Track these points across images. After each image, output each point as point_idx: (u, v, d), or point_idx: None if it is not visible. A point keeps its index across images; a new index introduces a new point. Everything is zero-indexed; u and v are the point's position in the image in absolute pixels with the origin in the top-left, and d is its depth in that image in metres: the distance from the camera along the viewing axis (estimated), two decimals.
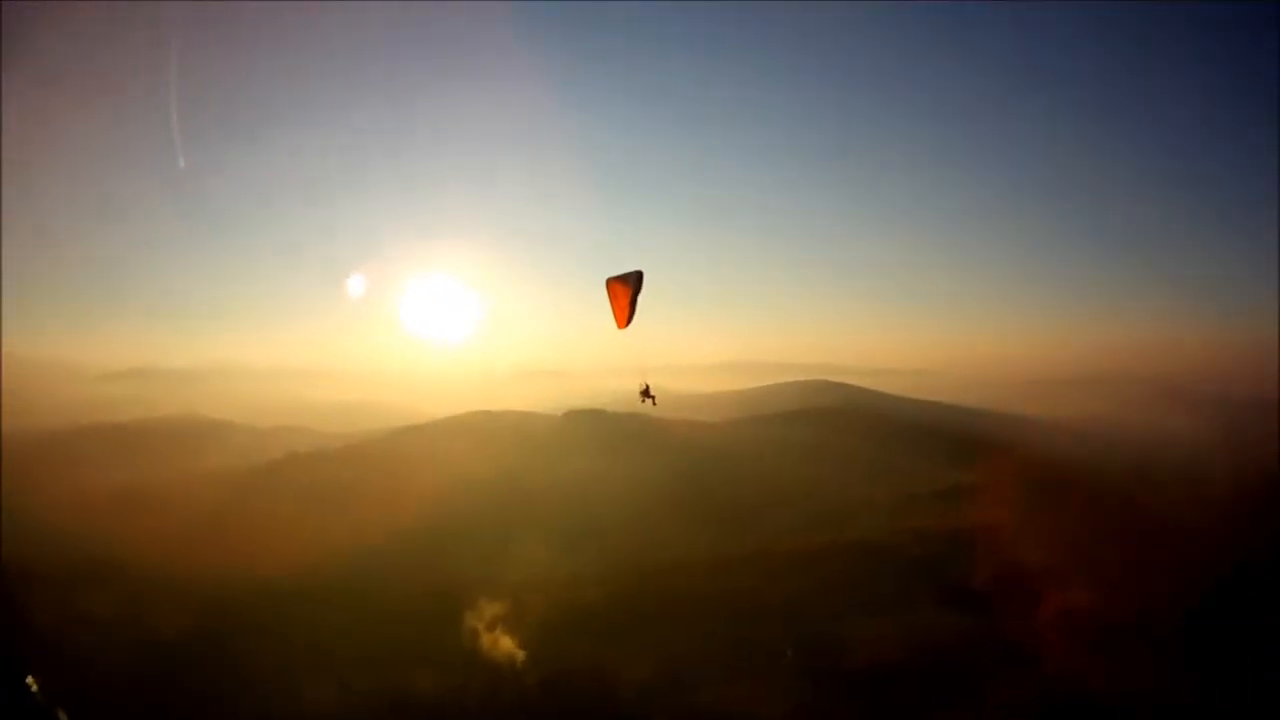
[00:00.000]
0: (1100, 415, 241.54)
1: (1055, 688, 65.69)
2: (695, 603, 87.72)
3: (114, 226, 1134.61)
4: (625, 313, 24.93)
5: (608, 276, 25.41)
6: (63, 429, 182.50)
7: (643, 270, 25.12)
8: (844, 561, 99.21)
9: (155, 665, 72.48)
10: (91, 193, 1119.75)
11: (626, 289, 24.88)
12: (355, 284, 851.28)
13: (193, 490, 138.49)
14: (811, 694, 70.24)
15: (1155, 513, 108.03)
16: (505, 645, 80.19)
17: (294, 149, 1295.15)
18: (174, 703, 68.48)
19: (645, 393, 28.82)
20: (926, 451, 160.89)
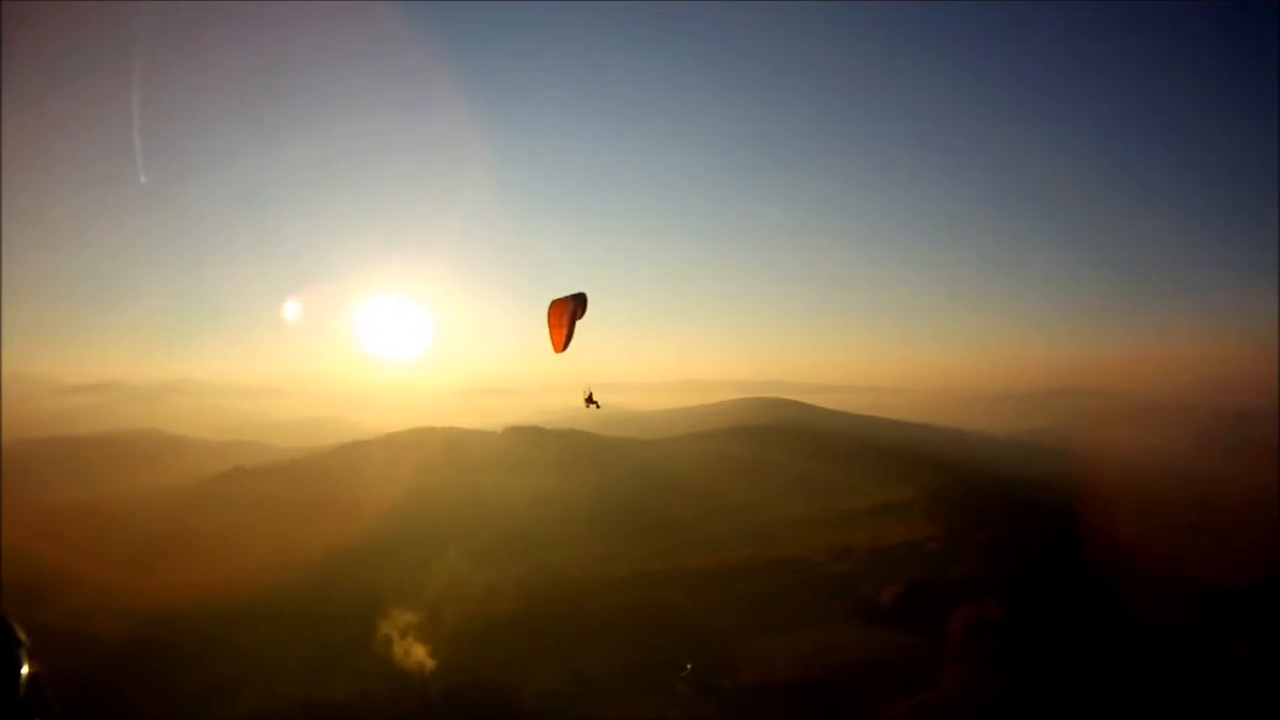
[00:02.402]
0: (1054, 430, 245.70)
1: (948, 705, 68.47)
2: (609, 617, 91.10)
3: (80, 241, 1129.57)
4: (562, 337, 24.67)
5: (552, 299, 25.10)
6: (21, 442, 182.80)
7: (585, 293, 24.84)
8: (762, 578, 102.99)
9: (95, 674, 74.57)
10: (55, 208, 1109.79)
11: (566, 309, 24.49)
12: (312, 302, 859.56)
13: (142, 503, 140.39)
14: (705, 708, 73.81)
15: (1084, 527, 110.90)
16: (418, 654, 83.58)
17: (251, 168, 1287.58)
18: (110, 710, 70.75)
19: (589, 399, 28.02)
20: (864, 468, 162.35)
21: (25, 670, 5.01)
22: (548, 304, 24.89)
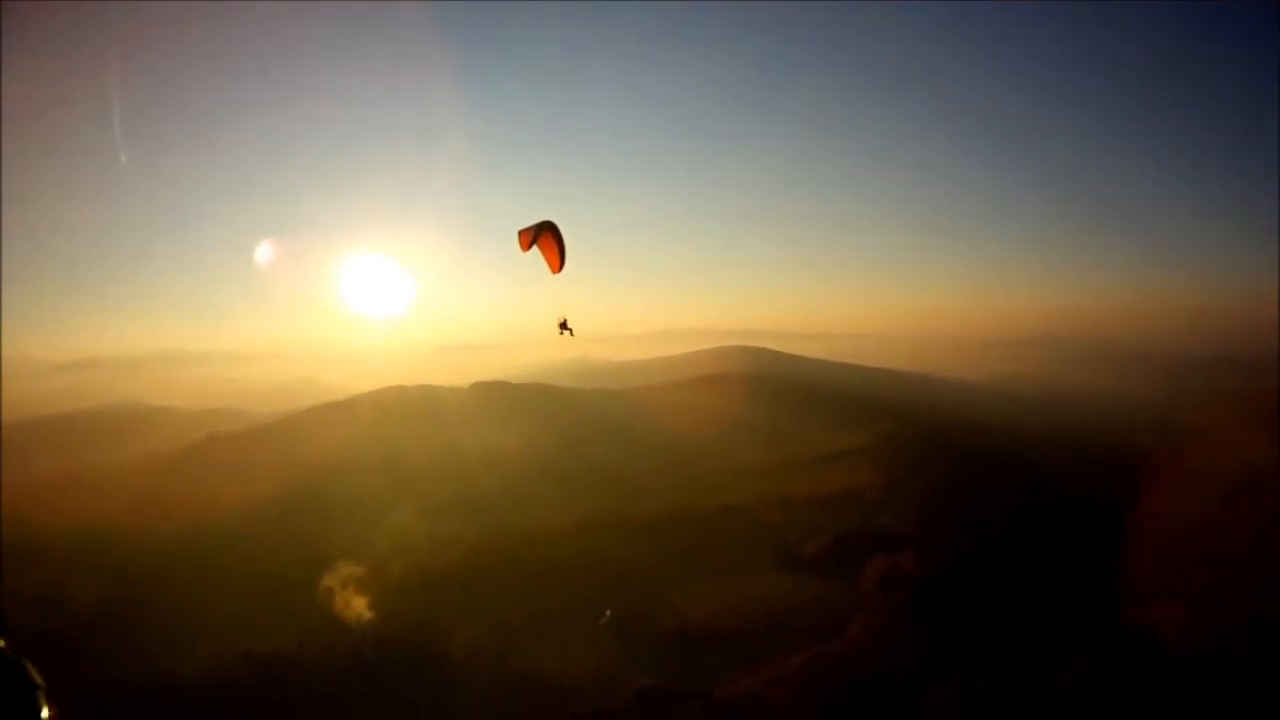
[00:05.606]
0: (1033, 376, 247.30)
1: (850, 655, 70.45)
2: (544, 568, 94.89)
3: (59, 221, 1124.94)
4: (528, 238, 25.45)
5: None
6: (11, 423, 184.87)
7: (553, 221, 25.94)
8: (701, 528, 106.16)
9: (70, 635, 78.76)
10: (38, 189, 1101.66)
11: (531, 229, 25.41)
12: (292, 265, 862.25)
13: (117, 474, 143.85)
14: (619, 655, 77.31)
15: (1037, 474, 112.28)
16: (358, 607, 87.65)
17: (230, 138, 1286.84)
18: (82, 668, 74.79)
19: (563, 326, 28.59)
20: (825, 416, 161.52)
21: (45, 714, 5.27)
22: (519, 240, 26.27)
